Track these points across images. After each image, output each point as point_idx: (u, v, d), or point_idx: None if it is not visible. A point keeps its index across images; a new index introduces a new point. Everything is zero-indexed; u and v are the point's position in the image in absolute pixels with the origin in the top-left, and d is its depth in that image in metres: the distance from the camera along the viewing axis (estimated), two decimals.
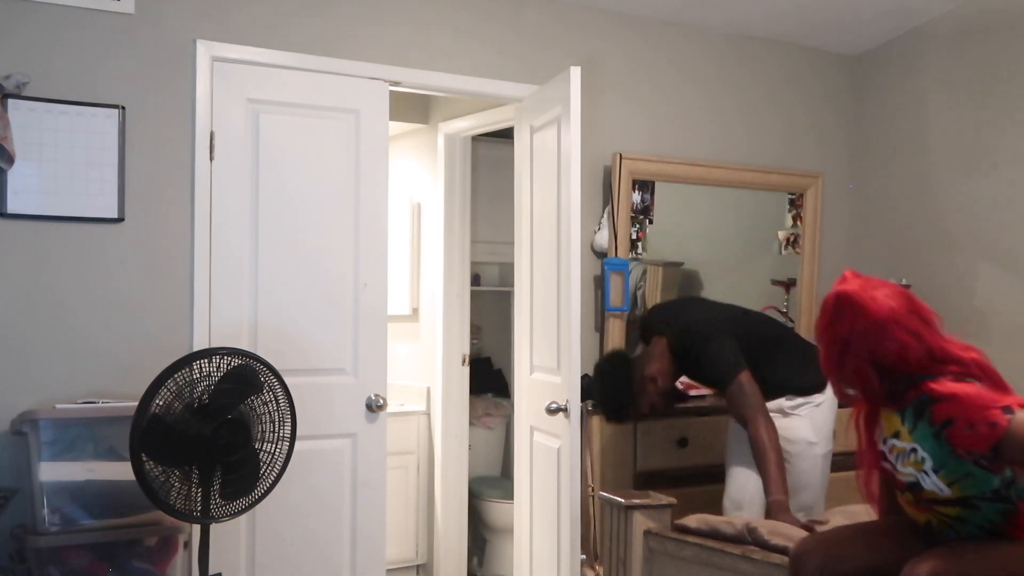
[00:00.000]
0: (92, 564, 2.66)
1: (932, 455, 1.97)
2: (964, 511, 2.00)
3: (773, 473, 2.79)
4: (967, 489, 1.97)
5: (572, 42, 3.79)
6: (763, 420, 2.89)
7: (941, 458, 1.96)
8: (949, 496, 1.98)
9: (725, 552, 2.49)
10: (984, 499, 1.97)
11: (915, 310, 2.06)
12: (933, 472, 1.97)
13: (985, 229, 3.86)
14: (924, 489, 2.00)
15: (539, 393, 3.44)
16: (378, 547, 3.35)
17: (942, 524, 2.06)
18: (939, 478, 1.97)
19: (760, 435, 2.85)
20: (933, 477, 1.98)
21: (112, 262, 2.99)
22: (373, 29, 3.42)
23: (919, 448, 1.99)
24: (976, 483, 1.96)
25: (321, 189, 3.30)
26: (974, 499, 1.98)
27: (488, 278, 5.07)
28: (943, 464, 1.96)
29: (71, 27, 2.95)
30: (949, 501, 2.00)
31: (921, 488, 2.01)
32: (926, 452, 1.97)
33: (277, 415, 2.58)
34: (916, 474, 2.00)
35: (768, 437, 2.85)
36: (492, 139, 4.69)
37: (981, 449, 1.89)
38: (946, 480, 1.97)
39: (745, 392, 2.94)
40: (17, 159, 2.83)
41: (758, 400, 2.93)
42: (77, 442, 2.69)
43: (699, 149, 4.06)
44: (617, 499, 2.93)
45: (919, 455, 1.99)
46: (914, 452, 2.00)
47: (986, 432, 1.86)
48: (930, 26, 4.08)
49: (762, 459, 2.83)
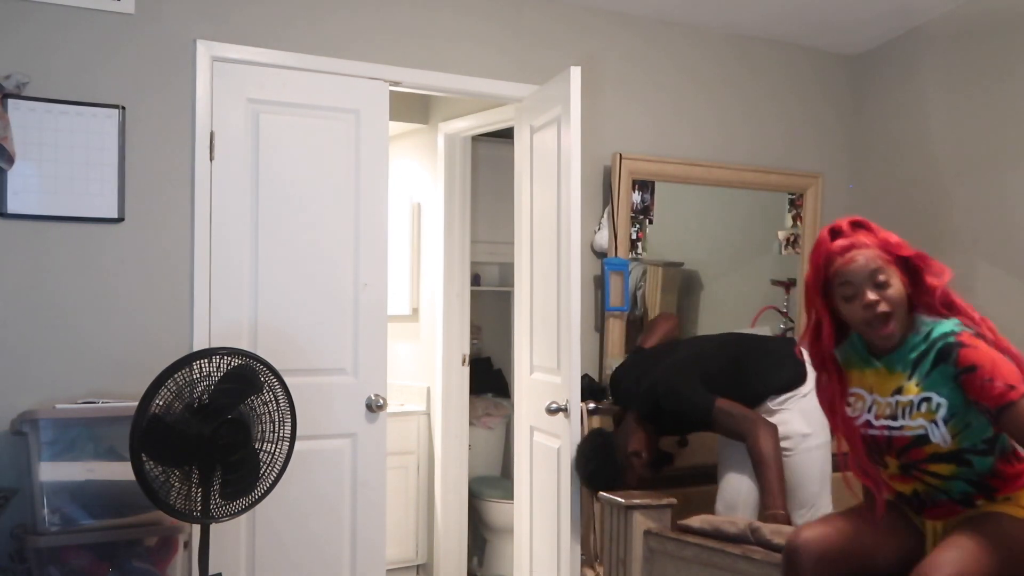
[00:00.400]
0: (92, 564, 2.66)
1: (949, 400, 1.99)
2: (956, 468, 2.03)
3: (773, 485, 2.76)
4: (963, 441, 2.01)
5: (572, 42, 3.79)
6: (761, 430, 2.85)
7: (956, 404, 1.99)
8: (948, 448, 2.01)
9: (725, 552, 2.49)
10: (976, 452, 2.02)
11: None
12: (943, 422, 2.00)
13: (985, 229, 3.85)
14: (929, 442, 2.02)
15: (539, 393, 3.44)
16: (378, 547, 3.35)
17: (930, 489, 2.08)
18: (948, 429, 2.00)
19: (759, 446, 2.82)
20: (942, 427, 2.00)
21: (112, 262, 2.99)
22: (373, 29, 3.42)
23: (934, 395, 2.01)
24: (972, 433, 2.01)
25: (321, 189, 3.30)
26: (967, 452, 2.02)
27: (488, 278, 5.07)
28: (955, 411, 1.99)
29: (71, 27, 2.95)
30: (944, 457, 2.02)
31: (927, 441, 2.02)
32: (943, 397, 2.00)
33: (277, 415, 2.58)
34: (927, 425, 2.01)
35: (766, 447, 2.81)
36: (492, 139, 4.69)
37: (989, 404, 1.93)
38: (952, 430, 2.00)
39: (730, 414, 2.92)
40: (17, 159, 2.83)
41: (747, 413, 2.92)
42: (77, 442, 2.70)
43: (699, 149, 4.06)
44: (617, 499, 2.93)
45: (933, 403, 2.01)
46: (926, 401, 2.02)
47: (1002, 390, 1.91)
48: (930, 26, 4.08)
49: (762, 470, 2.80)
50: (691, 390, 3.00)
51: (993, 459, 2.03)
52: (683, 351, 3.25)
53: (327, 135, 3.31)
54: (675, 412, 3.03)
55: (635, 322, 3.82)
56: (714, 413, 2.93)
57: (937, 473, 2.05)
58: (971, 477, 2.03)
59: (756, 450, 2.83)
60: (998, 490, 2.04)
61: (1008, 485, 2.04)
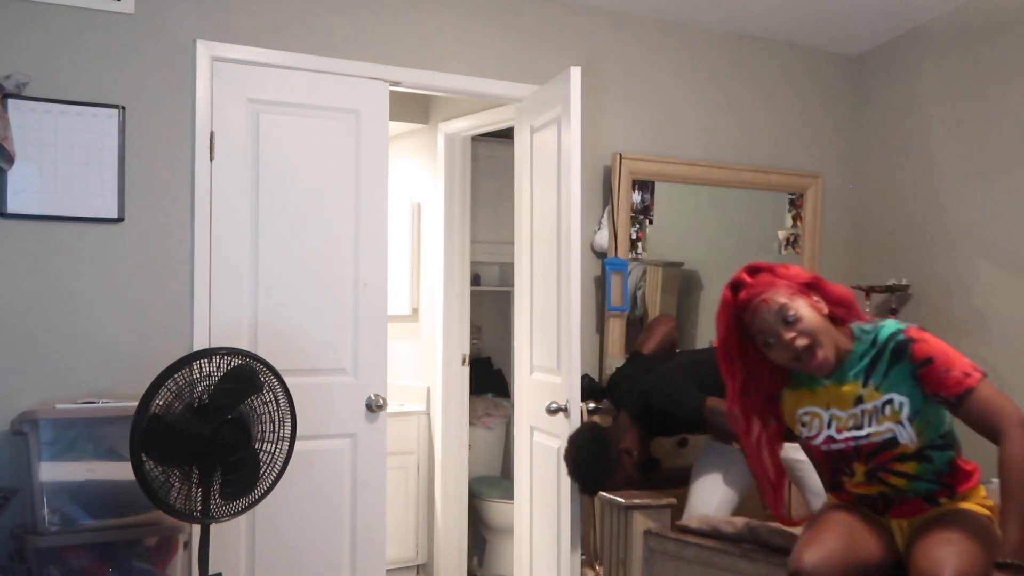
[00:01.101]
0: (92, 564, 2.66)
1: (910, 398, 2.02)
2: (919, 465, 2.05)
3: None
4: (925, 438, 2.04)
5: (572, 42, 3.79)
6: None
7: (917, 402, 2.02)
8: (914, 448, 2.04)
9: (725, 552, 2.49)
10: (935, 447, 2.05)
11: None
12: (908, 421, 2.02)
13: (985, 229, 3.86)
14: (898, 444, 2.03)
15: (539, 393, 3.44)
16: (378, 547, 3.35)
17: (894, 491, 2.10)
18: (913, 428, 2.02)
19: None
20: (908, 427, 2.02)
21: (112, 262, 2.99)
22: (373, 29, 3.42)
23: (895, 396, 2.03)
24: (931, 429, 2.04)
25: (321, 189, 3.30)
26: (928, 449, 2.05)
27: (488, 278, 5.07)
28: (917, 408, 2.02)
29: (71, 27, 2.95)
30: (908, 456, 2.04)
31: (895, 444, 2.03)
32: (904, 396, 2.02)
33: (277, 415, 2.58)
34: (894, 427, 2.03)
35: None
36: (492, 139, 4.69)
37: (951, 393, 1.96)
38: (918, 430, 2.03)
39: (721, 412, 2.87)
40: (17, 159, 2.83)
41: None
42: (77, 442, 2.69)
43: (699, 149, 4.06)
44: (617, 499, 2.93)
45: (896, 403, 2.02)
46: (889, 404, 2.03)
47: (959, 378, 1.95)
48: (930, 26, 4.08)
49: None
50: (681, 391, 3.03)
51: (952, 453, 2.07)
52: (680, 358, 3.31)
53: (327, 135, 3.31)
54: (665, 412, 3.05)
55: (635, 322, 3.82)
56: (705, 412, 2.95)
57: (903, 472, 2.07)
58: (932, 475, 2.06)
59: None
60: (957, 487, 2.08)
61: (965, 482, 2.09)
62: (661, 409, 3.07)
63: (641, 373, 3.27)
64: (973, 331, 3.77)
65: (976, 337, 3.76)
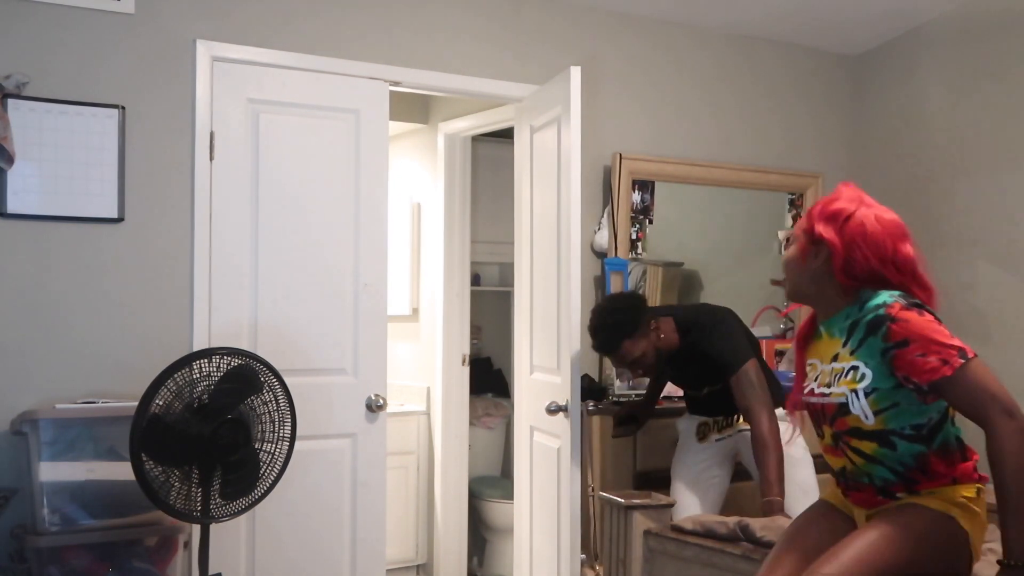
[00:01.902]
0: (92, 564, 2.66)
1: (873, 372, 1.92)
2: (879, 448, 1.95)
3: (773, 473, 2.76)
4: (890, 422, 1.93)
5: (572, 42, 3.79)
6: (768, 415, 2.84)
7: (879, 379, 1.92)
8: (872, 427, 1.95)
9: (725, 552, 2.49)
10: (903, 436, 1.94)
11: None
12: (864, 395, 1.93)
13: (985, 229, 3.86)
14: (849, 413, 1.96)
15: (539, 393, 3.44)
16: (378, 547, 3.35)
17: (855, 469, 2.01)
18: (868, 402, 1.93)
19: (763, 431, 2.81)
20: (862, 400, 1.93)
21: (112, 262, 2.99)
22: (373, 29, 3.42)
23: (861, 365, 1.94)
24: (901, 416, 1.93)
25: (321, 189, 3.30)
26: (892, 434, 1.94)
27: (488, 278, 5.07)
28: (877, 386, 1.92)
29: (71, 27, 2.95)
30: (867, 434, 1.96)
31: (847, 411, 1.96)
32: (869, 369, 1.93)
33: (277, 415, 2.58)
34: (848, 394, 1.95)
35: (772, 434, 2.81)
36: (492, 139, 4.69)
37: (922, 379, 1.85)
38: (874, 406, 1.93)
39: (753, 382, 2.90)
40: (17, 159, 2.83)
41: (765, 393, 2.89)
42: (77, 442, 2.69)
43: (699, 149, 4.06)
44: (617, 499, 2.93)
45: (859, 372, 1.94)
46: (853, 370, 1.96)
47: (935, 365, 1.83)
48: (930, 26, 4.08)
49: (764, 457, 2.80)
50: (736, 339, 2.99)
51: (922, 448, 1.94)
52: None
53: (327, 135, 3.31)
54: (711, 337, 2.99)
55: None
56: (744, 367, 2.91)
57: (860, 451, 1.98)
58: (894, 464, 1.95)
59: (760, 433, 2.82)
60: (919, 483, 1.95)
61: (932, 481, 1.95)
62: (706, 341, 3.00)
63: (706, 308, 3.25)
64: (973, 331, 3.77)
65: (976, 337, 3.75)
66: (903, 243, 2.02)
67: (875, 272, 1.98)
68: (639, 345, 3.02)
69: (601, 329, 3.06)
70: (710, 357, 3.00)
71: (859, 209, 2.03)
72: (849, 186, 2.12)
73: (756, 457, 2.85)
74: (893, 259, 1.99)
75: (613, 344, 3.04)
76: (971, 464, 1.98)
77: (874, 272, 1.98)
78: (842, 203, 2.06)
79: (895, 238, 2.01)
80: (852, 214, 2.02)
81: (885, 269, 1.98)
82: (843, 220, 2.02)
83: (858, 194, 2.09)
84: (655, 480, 3.38)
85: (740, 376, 2.91)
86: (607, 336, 3.05)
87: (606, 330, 3.05)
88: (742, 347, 2.97)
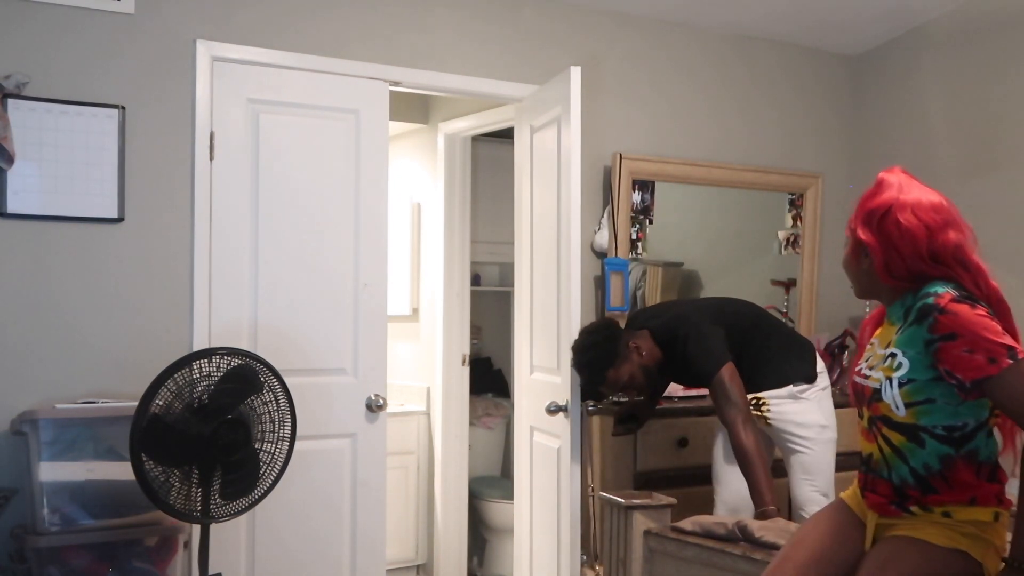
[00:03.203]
0: (92, 564, 2.66)
1: (912, 363, 1.87)
2: (908, 443, 1.90)
3: (761, 481, 2.75)
4: (922, 417, 1.88)
5: (572, 42, 3.79)
6: (744, 424, 2.82)
7: (916, 369, 1.86)
8: (902, 419, 1.90)
9: (726, 552, 2.48)
10: (933, 435, 1.88)
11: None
12: (899, 384, 1.88)
13: (985, 229, 3.80)
14: (881, 400, 1.92)
15: (539, 393, 3.44)
16: (378, 547, 3.35)
17: (881, 459, 1.97)
18: (901, 392, 1.88)
19: (743, 441, 2.80)
20: (895, 390, 1.89)
21: (112, 262, 2.99)
22: (373, 29, 3.42)
23: (900, 353, 1.90)
24: (934, 413, 1.87)
25: (321, 189, 3.30)
26: (923, 431, 1.88)
27: (488, 278, 5.07)
28: (914, 377, 1.87)
29: (71, 27, 2.95)
30: (898, 426, 1.91)
31: (879, 398, 1.92)
32: (907, 358, 1.88)
33: (277, 415, 2.58)
34: (883, 380, 1.91)
35: (751, 443, 2.79)
36: (492, 139, 4.69)
37: (967, 376, 1.77)
38: (907, 398, 1.88)
39: (727, 389, 2.87)
40: (17, 159, 2.82)
41: (740, 400, 2.88)
42: (77, 442, 2.69)
43: (699, 149, 4.06)
44: (617, 499, 2.93)
45: (897, 360, 1.90)
46: (893, 357, 1.91)
47: (981, 363, 1.75)
48: (930, 26, 4.08)
49: (748, 467, 2.79)
50: (711, 337, 2.96)
51: (950, 451, 1.87)
52: (720, 301, 3.28)
53: (327, 135, 3.31)
54: (687, 348, 2.97)
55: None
56: (717, 376, 2.89)
57: (890, 440, 1.94)
58: (919, 463, 1.89)
59: (739, 444, 2.81)
60: (938, 492, 1.89)
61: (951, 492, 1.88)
62: (685, 345, 2.98)
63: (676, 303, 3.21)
64: None
65: None
66: (941, 233, 1.93)
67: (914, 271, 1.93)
68: (624, 370, 3.04)
69: (583, 367, 3.10)
70: (688, 368, 3.01)
71: (895, 204, 1.95)
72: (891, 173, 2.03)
73: (741, 468, 2.83)
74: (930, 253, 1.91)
75: (598, 378, 3.07)
76: (997, 488, 1.90)
77: (912, 272, 1.93)
78: (879, 199, 1.98)
79: (933, 229, 1.92)
80: (887, 212, 1.95)
81: (923, 266, 1.92)
82: (879, 219, 1.96)
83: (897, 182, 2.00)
84: (655, 480, 3.39)
85: (714, 385, 2.91)
86: (590, 373, 3.08)
87: (588, 367, 3.08)
88: (716, 352, 2.94)
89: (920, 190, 1.98)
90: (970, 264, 1.93)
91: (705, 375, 2.94)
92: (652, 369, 3.08)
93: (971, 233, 1.99)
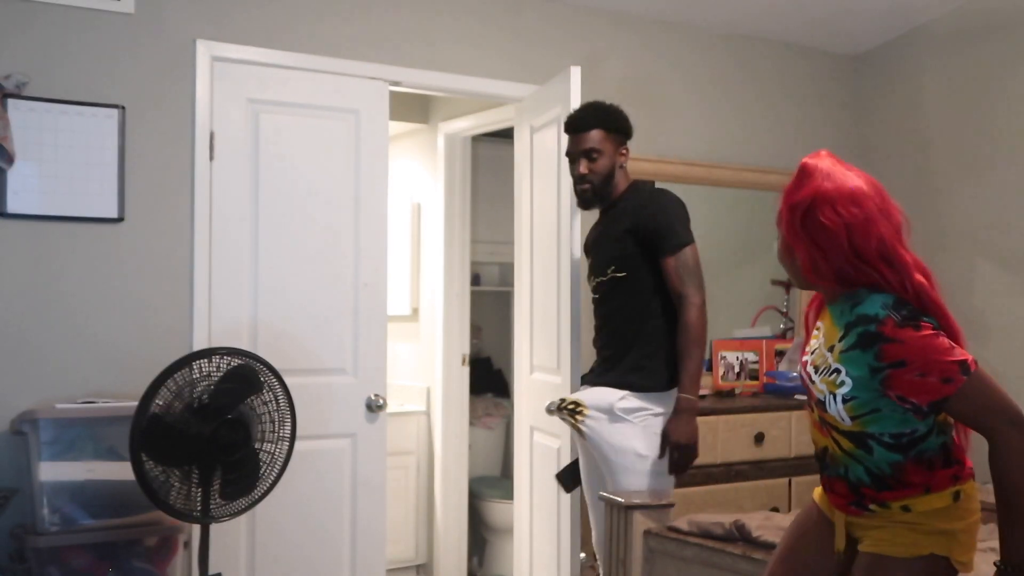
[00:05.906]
0: (92, 564, 2.66)
1: (854, 383, 1.82)
2: (856, 449, 1.87)
3: (691, 369, 2.70)
4: (868, 425, 1.84)
5: (572, 42, 3.79)
6: (700, 305, 2.72)
7: (860, 389, 1.81)
8: (849, 428, 1.86)
9: (726, 552, 2.48)
10: (880, 443, 1.84)
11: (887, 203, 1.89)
12: (843, 400, 1.83)
13: (985, 229, 3.86)
14: (826, 411, 1.88)
15: (539, 393, 3.44)
16: (378, 547, 3.35)
17: (835, 457, 1.94)
18: (845, 408, 1.83)
19: (692, 318, 2.70)
20: (840, 404, 1.84)
21: (112, 262, 2.99)
22: (373, 29, 3.42)
23: (843, 371, 1.83)
24: (881, 422, 1.83)
25: (321, 189, 3.30)
26: (870, 438, 1.85)
27: (488, 278, 5.07)
28: (856, 395, 1.82)
29: (71, 27, 2.95)
30: (845, 433, 1.88)
31: (825, 409, 1.88)
32: (851, 378, 1.82)
33: (277, 415, 2.58)
34: (827, 395, 1.86)
35: (699, 327, 2.70)
36: (492, 139, 4.69)
37: (923, 400, 1.74)
38: (851, 412, 1.84)
39: (690, 266, 2.76)
40: (17, 159, 2.83)
41: (701, 280, 2.78)
42: (77, 442, 2.69)
43: (699, 149, 4.06)
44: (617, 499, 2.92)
45: (840, 378, 1.84)
46: (837, 373, 1.85)
47: (936, 385, 1.72)
48: (930, 26, 4.08)
49: (688, 347, 2.70)
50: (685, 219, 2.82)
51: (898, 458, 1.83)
52: None
53: (327, 135, 3.31)
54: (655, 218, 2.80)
55: None
56: (683, 249, 2.76)
57: (840, 443, 1.91)
58: (870, 465, 1.86)
59: (688, 322, 2.71)
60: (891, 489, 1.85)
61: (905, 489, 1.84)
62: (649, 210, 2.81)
63: None
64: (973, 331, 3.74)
65: (976, 337, 3.74)
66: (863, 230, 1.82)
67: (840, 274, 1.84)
68: (605, 149, 2.86)
69: (588, 107, 2.92)
70: (644, 229, 2.79)
71: (816, 199, 1.86)
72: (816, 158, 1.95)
73: (679, 346, 2.72)
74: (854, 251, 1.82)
75: (588, 123, 2.87)
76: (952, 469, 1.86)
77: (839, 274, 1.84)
78: (801, 193, 1.89)
79: (853, 228, 1.82)
80: (808, 209, 1.85)
81: (848, 267, 1.83)
82: (801, 217, 1.86)
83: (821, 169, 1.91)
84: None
85: (680, 256, 2.76)
86: (590, 113, 2.89)
87: (593, 109, 2.91)
88: (685, 228, 2.79)
89: (843, 177, 1.88)
90: (895, 261, 1.83)
91: (671, 243, 2.76)
92: (603, 194, 2.91)
93: (901, 218, 1.88)
